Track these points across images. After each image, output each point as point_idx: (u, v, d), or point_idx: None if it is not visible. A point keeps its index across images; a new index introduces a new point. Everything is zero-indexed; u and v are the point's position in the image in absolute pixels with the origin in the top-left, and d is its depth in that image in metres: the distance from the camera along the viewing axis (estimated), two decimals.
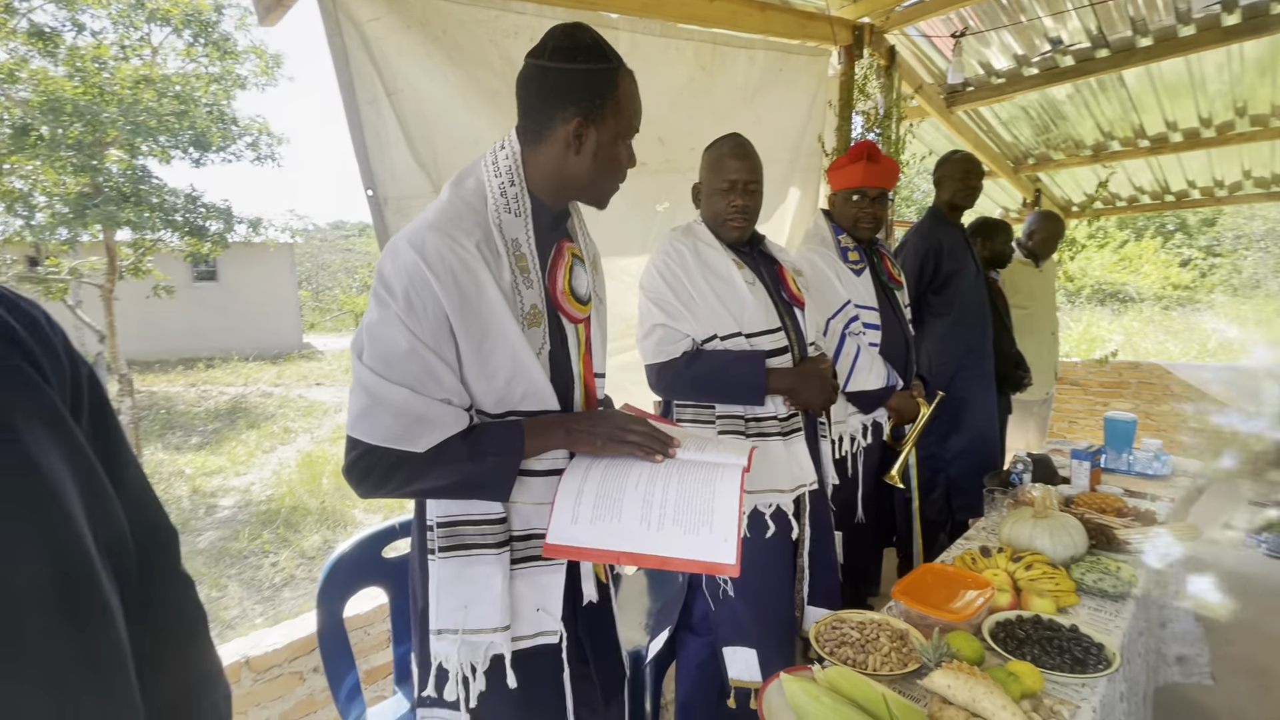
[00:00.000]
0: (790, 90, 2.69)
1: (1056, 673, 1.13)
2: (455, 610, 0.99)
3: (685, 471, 0.99)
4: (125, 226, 10.87)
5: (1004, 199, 5.64)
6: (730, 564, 0.88)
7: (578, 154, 1.00)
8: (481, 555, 0.99)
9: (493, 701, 1.02)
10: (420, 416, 0.91)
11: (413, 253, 0.90)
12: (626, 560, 0.93)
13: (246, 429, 8.57)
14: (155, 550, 0.62)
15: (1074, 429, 5.41)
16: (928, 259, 2.37)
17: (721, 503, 0.93)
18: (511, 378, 0.98)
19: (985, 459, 2.39)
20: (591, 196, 1.07)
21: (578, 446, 1.01)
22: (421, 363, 0.91)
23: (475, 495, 0.98)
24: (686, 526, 0.92)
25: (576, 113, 0.98)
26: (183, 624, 0.64)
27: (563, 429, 1.00)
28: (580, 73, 0.98)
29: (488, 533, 0.99)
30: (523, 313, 0.99)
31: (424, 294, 0.90)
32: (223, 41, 11.67)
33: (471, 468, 0.94)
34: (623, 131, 1.02)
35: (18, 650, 0.44)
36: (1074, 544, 1.57)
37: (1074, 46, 3.20)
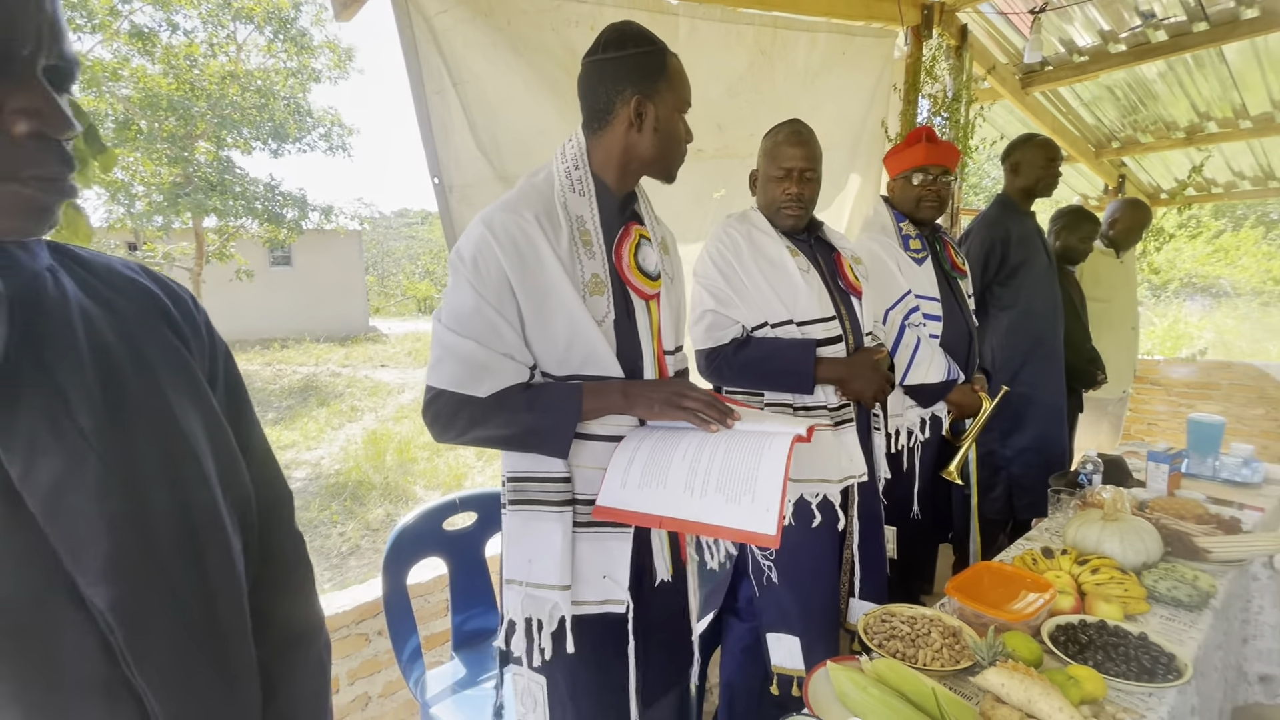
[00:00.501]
0: (853, 73, 2.61)
1: (1121, 680, 1.08)
2: (521, 562, 1.07)
3: (735, 440, 1.00)
4: (212, 214, 11.64)
5: (1083, 185, 5.31)
6: (769, 534, 0.88)
7: (640, 130, 1.09)
8: (544, 511, 1.06)
9: (562, 666, 1.08)
10: (483, 365, 1.00)
11: (481, 226, 1.02)
12: (670, 525, 0.97)
13: (317, 406, 9.06)
14: (274, 509, 0.70)
15: (1153, 431, 5.08)
16: (994, 249, 2.27)
17: (766, 472, 0.93)
18: (571, 341, 1.05)
19: (1050, 458, 2.28)
20: (658, 170, 1.14)
21: (634, 410, 1.06)
22: (485, 319, 1.00)
23: (535, 447, 1.04)
24: (729, 495, 0.93)
25: (634, 92, 1.07)
26: (294, 575, 0.72)
27: (620, 392, 1.05)
28: (632, 56, 1.07)
29: (550, 490, 1.06)
30: (583, 281, 1.06)
31: (488, 259, 1.00)
32: (300, 37, 12.25)
33: (531, 418, 1.01)
34: (678, 105, 1.11)
35: (151, 583, 0.52)
36: (1146, 550, 1.49)
37: (1168, 20, 2.97)
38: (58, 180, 0.48)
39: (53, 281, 0.52)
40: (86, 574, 0.48)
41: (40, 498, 0.46)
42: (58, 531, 0.47)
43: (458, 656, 1.69)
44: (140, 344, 0.56)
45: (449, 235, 1.74)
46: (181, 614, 0.54)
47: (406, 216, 37.42)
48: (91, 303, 0.54)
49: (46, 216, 0.49)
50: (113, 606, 0.49)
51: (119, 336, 0.54)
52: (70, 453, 0.48)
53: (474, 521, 1.76)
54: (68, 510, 0.47)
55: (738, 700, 1.72)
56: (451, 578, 1.72)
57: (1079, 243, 2.77)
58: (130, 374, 0.53)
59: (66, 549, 0.47)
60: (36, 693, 0.46)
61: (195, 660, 0.55)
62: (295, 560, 0.73)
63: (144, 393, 0.54)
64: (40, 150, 0.46)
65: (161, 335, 0.58)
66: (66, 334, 0.50)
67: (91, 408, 0.50)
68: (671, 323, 1.19)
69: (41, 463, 0.47)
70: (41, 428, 0.47)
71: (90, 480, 0.49)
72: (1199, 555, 1.55)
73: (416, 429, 7.94)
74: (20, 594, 0.46)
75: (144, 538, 0.51)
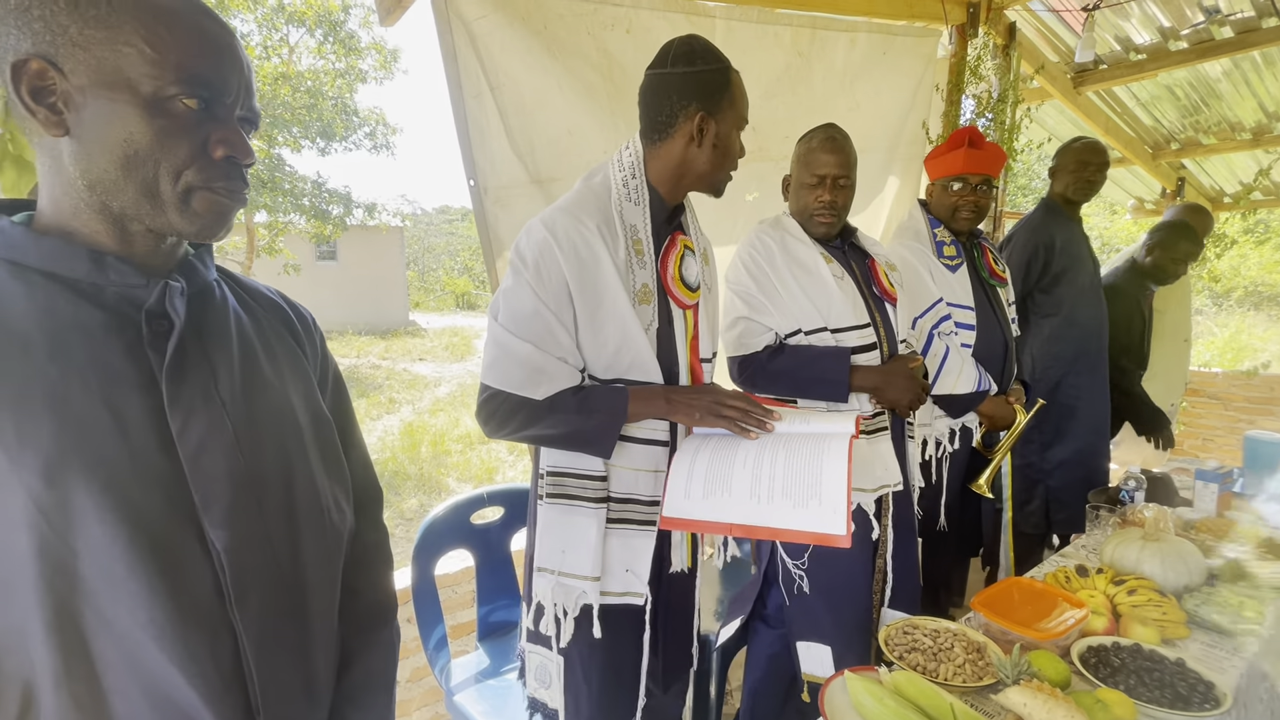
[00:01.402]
0: (893, 74, 2.56)
1: (1153, 706, 1.05)
2: (554, 552, 1.12)
3: (792, 445, 1.03)
4: (262, 210, 12.08)
5: (1139, 189, 5.09)
6: (840, 534, 0.92)
7: (699, 145, 1.12)
8: (580, 507, 1.11)
9: (580, 648, 1.14)
10: (540, 368, 1.05)
11: (544, 230, 1.06)
12: (739, 532, 1.00)
13: (357, 397, 9.34)
14: (367, 503, 0.83)
15: (1208, 447, 4.84)
16: (1036, 255, 2.19)
17: (830, 474, 0.96)
18: (620, 347, 1.10)
19: (1090, 472, 2.20)
20: (709, 185, 1.17)
21: (676, 416, 1.10)
22: (544, 323, 1.05)
23: (581, 448, 1.09)
24: (796, 499, 0.96)
25: (699, 108, 1.10)
26: (376, 562, 0.83)
27: (664, 398, 1.09)
28: (700, 73, 1.10)
29: (588, 487, 1.11)
30: (634, 289, 1.10)
31: (550, 264, 1.05)
32: (349, 39, 12.61)
33: (580, 420, 1.06)
34: (738, 122, 1.14)
35: (255, 535, 0.63)
36: (1189, 572, 1.43)
37: (1235, 15, 2.82)
38: (238, 193, 0.63)
39: (219, 290, 0.68)
40: (212, 519, 0.59)
41: (190, 451, 0.59)
42: (197, 481, 0.59)
43: (482, 647, 1.73)
44: (272, 345, 0.71)
45: (484, 236, 1.78)
46: (276, 568, 0.64)
47: (447, 213, 38.20)
48: (242, 310, 0.70)
49: (226, 221, 0.64)
50: (227, 549, 0.60)
51: (258, 337, 0.69)
52: (213, 418, 0.61)
53: (501, 516, 1.80)
54: (206, 464, 0.60)
55: (760, 705, 1.72)
56: (478, 570, 1.77)
57: (1171, 264, 2.55)
58: (263, 366, 0.68)
59: (200, 495, 0.59)
60: (161, 606, 0.56)
61: (283, 612, 0.65)
62: (378, 550, 0.83)
63: (270, 381, 0.68)
64: (231, 169, 0.62)
65: (286, 342, 0.73)
66: (223, 328, 0.66)
67: (232, 387, 0.63)
68: (707, 331, 1.24)
69: (193, 423, 0.60)
70: (197, 397, 0.61)
71: (224, 442, 0.61)
72: (1247, 580, 1.48)
73: (451, 422, 8.11)
74: (164, 526, 0.57)
75: (255, 497, 0.63)
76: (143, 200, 0.58)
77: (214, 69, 0.59)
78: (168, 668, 0.57)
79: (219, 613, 0.60)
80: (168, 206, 0.59)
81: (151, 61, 0.55)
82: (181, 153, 0.58)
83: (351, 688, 0.74)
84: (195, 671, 0.57)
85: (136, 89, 0.56)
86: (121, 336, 0.58)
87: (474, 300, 28.43)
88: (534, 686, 1.21)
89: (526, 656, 1.21)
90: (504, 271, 1.83)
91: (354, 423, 0.82)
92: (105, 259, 0.59)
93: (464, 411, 8.71)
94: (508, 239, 1.80)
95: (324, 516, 0.70)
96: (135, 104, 0.56)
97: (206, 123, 0.60)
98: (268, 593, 0.63)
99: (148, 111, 0.56)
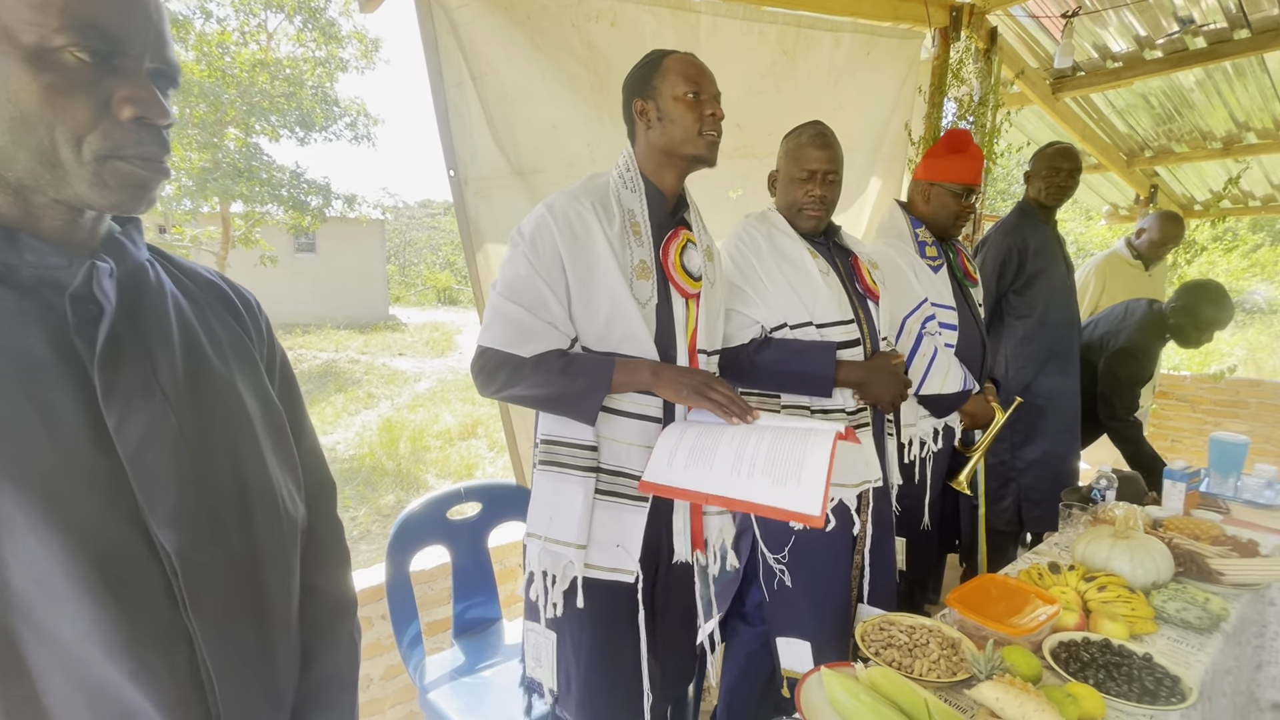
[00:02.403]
0: (877, 75, 2.57)
1: (1121, 700, 1.06)
2: (542, 518, 1.17)
3: (780, 434, 1.07)
4: (239, 199, 11.83)
5: (1114, 195, 5.19)
6: (814, 514, 0.94)
7: (649, 126, 1.21)
8: (569, 474, 1.15)
9: (571, 625, 1.17)
10: (528, 329, 1.11)
11: (543, 208, 1.15)
12: (715, 501, 1.03)
13: (335, 392, 9.19)
14: (319, 497, 0.78)
15: (1176, 448, 4.96)
16: (1010, 257, 2.22)
17: (812, 460, 0.99)
18: (610, 318, 1.14)
19: (1061, 471, 2.24)
20: (683, 154, 1.21)
21: (661, 390, 1.13)
22: (535, 290, 1.11)
23: (565, 410, 1.13)
24: (775, 478, 0.99)
25: (634, 96, 1.22)
26: (332, 557, 0.79)
27: (650, 370, 1.13)
28: (632, 73, 1.24)
29: (578, 456, 1.15)
30: (631, 264, 1.16)
31: (545, 235, 1.12)
32: (329, 27, 12.38)
33: (564, 382, 1.09)
34: (677, 92, 1.18)
35: (208, 535, 0.58)
36: (1157, 569, 1.46)
37: (1208, 26, 2.89)
38: (156, 160, 0.56)
39: (152, 270, 0.62)
40: (159, 519, 0.55)
41: (130, 448, 0.54)
42: (140, 480, 0.54)
43: (457, 644, 1.71)
44: (215, 330, 0.65)
45: (463, 227, 1.75)
46: (232, 568, 0.60)
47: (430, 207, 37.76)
48: (179, 292, 0.64)
49: (146, 193, 0.56)
50: (177, 551, 0.56)
51: (199, 321, 0.64)
52: (155, 412, 0.56)
53: (479, 512, 1.78)
54: (149, 461, 0.55)
55: (737, 702, 1.72)
56: (454, 566, 1.74)
57: (1195, 330, 2.44)
58: (207, 352, 0.63)
59: (145, 495, 0.54)
60: (108, 614, 0.52)
61: (242, 613, 0.61)
62: (333, 544, 0.79)
63: (216, 369, 0.63)
64: (141, 133, 0.54)
65: (230, 326, 0.68)
66: (161, 313, 0.60)
67: (175, 376, 0.58)
68: (708, 324, 1.26)
69: (132, 417, 0.55)
70: (135, 388, 0.55)
71: (168, 437, 0.56)
72: (1212, 577, 1.51)
73: (431, 418, 8.03)
74: (106, 529, 0.53)
75: (205, 493, 0.59)
76: (41, 170, 0.52)
77: (111, 14, 0.51)
78: (119, 680, 0.53)
79: (172, 618, 0.56)
80: (72, 177, 0.52)
81: (32, 6, 0.48)
82: (79, 114, 0.51)
83: (314, 688, 0.71)
84: (149, 682, 0.54)
85: (17, 39, 0.49)
86: (43, 323, 0.52)
87: (456, 295, 28.14)
88: (530, 665, 1.23)
89: (525, 634, 1.24)
90: (484, 264, 1.81)
91: (304, 411, 0.78)
92: (18, 237, 0.53)
93: (444, 407, 8.62)
94: (488, 231, 1.78)
95: (279, 510, 0.66)
96: (16, 57, 0.49)
97: (108, 78, 0.52)
98: (224, 594, 0.59)
99: (31, 66, 0.49)
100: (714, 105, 1.19)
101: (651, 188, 1.22)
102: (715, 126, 1.20)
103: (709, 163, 1.22)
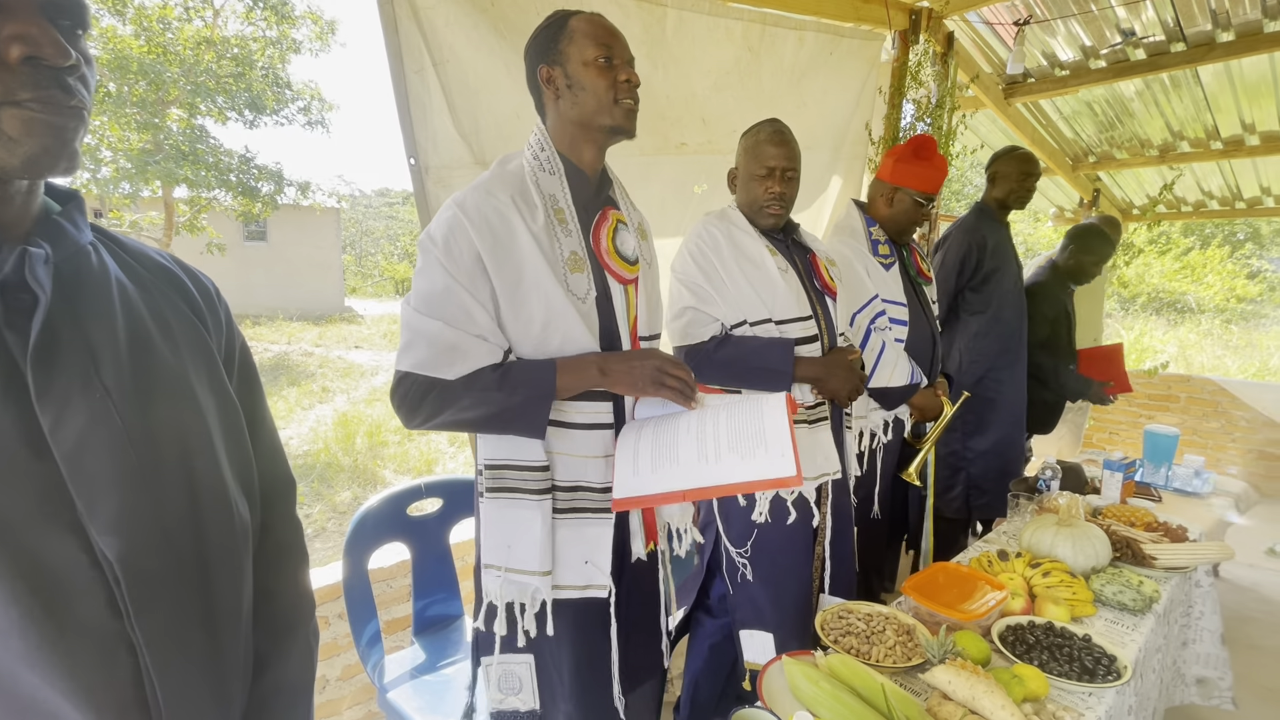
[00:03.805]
0: (839, 75, 2.62)
1: (1063, 679, 1.12)
2: (499, 548, 1.06)
3: (732, 408, 1.04)
4: (183, 184, 11.28)
5: (1060, 197, 5.42)
6: (791, 475, 0.93)
7: (558, 95, 1.09)
8: (522, 499, 1.05)
9: (549, 643, 1.09)
10: (452, 346, 0.98)
11: (454, 207, 1.01)
12: (694, 496, 0.98)
13: (288, 386, 8.89)
14: (277, 496, 0.74)
15: (1114, 440, 5.23)
16: (970, 254, 2.31)
17: (771, 424, 0.98)
18: (547, 323, 1.03)
19: (1008, 461, 2.34)
20: (602, 129, 1.09)
21: (614, 385, 1.04)
22: (456, 300, 0.99)
23: (508, 429, 1.02)
24: (743, 452, 0.97)
25: (541, 62, 1.09)
26: (289, 559, 0.75)
27: (597, 367, 1.02)
28: (535, 36, 1.11)
29: (529, 479, 1.05)
30: (562, 258, 1.05)
31: (460, 238, 0.99)
32: (281, 5, 11.88)
33: (501, 398, 0.98)
34: (586, 57, 1.06)
35: (155, 540, 0.55)
36: (1096, 555, 1.54)
37: (1147, 39, 3.03)
38: (58, 104, 0.49)
39: (95, 255, 0.57)
40: (99, 525, 0.51)
41: (67, 449, 0.50)
42: (78, 483, 0.50)
43: (418, 642, 1.68)
44: (167, 319, 0.60)
45: (424, 217, 1.71)
46: (181, 574, 0.57)
47: (388, 196, 36.75)
48: (127, 278, 0.59)
49: (63, 144, 0.50)
50: (120, 558, 0.52)
51: (149, 310, 0.59)
52: (96, 409, 0.52)
53: (439, 508, 1.75)
54: (88, 463, 0.51)
55: (700, 692, 1.74)
56: (414, 563, 1.71)
57: (1091, 264, 2.74)
58: (157, 344, 0.58)
59: (84, 500, 0.51)
60: (39, 630, 0.48)
61: (189, 623, 0.57)
62: (292, 545, 0.75)
63: (167, 363, 0.58)
64: (36, 75, 0.48)
65: (184, 315, 0.63)
66: (104, 302, 0.55)
67: (119, 371, 0.54)
68: (647, 308, 1.19)
69: (70, 417, 0.51)
70: (74, 385, 0.51)
71: (110, 437, 0.52)
72: (1145, 561, 1.60)
73: (388, 412, 7.83)
74: (37, 537, 0.49)
75: (152, 496, 0.55)
76: None
77: None
78: (52, 697, 0.49)
79: (114, 629, 0.52)
80: None
81: None
82: None
83: (267, 695, 0.68)
84: (84, 699, 0.50)
85: None
86: None
87: None
88: (499, 699, 1.12)
89: (487, 671, 1.13)
90: None
91: (264, 405, 0.74)
92: None
93: None
94: None
95: (231, 511, 0.62)
96: None
97: None
98: (171, 603, 0.56)
99: None
100: (628, 70, 1.08)
101: (571, 166, 1.10)
102: (631, 93, 1.09)
103: (628, 133, 1.11)
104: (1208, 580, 1.78)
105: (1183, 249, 14.07)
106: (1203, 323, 13.36)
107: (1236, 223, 14.24)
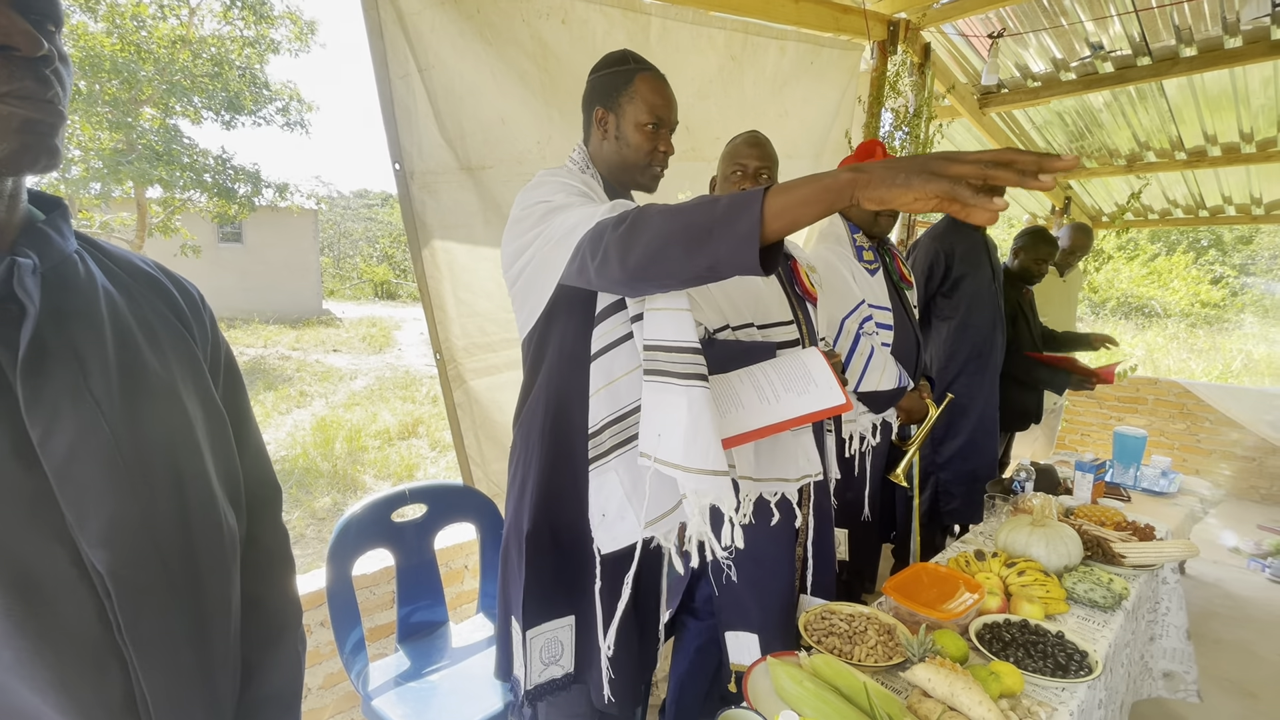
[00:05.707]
0: (820, 84, 2.66)
1: (1037, 675, 1.15)
2: (650, 436, 0.97)
3: (775, 363, 1.21)
4: (156, 184, 11.05)
5: (1032, 205, 5.55)
6: (844, 402, 1.10)
7: (604, 137, 1.22)
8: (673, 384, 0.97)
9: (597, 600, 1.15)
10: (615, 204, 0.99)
11: (546, 174, 1.13)
12: (766, 433, 1.11)
13: (264, 390, 8.73)
14: (263, 504, 0.74)
15: (1085, 442, 5.37)
16: (938, 261, 2.36)
17: (814, 368, 1.16)
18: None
19: (979, 465, 2.39)
20: (631, 179, 1.24)
21: (874, 189, 0.69)
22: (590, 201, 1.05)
23: (709, 241, 0.77)
24: (798, 390, 1.13)
25: (599, 104, 1.22)
26: (276, 566, 0.75)
27: (843, 173, 0.71)
28: (603, 76, 1.22)
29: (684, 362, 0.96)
30: None
31: (570, 185, 1.09)
32: (259, 5, 11.72)
33: (698, 211, 0.79)
34: (640, 118, 1.19)
35: (145, 551, 0.55)
36: (1068, 554, 1.59)
37: (1115, 53, 3.13)
38: (34, 98, 0.48)
39: (81, 264, 0.56)
40: (89, 537, 0.51)
41: (56, 461, 0.50)
42: (67, 495, 0.50)
43: (402, 649, 1.67)
44: (154, 328, 0.60)
45: (408, 221, 1.71)
46: (171, 585, 0.57)
47: (366, 198, 36.31)
48: (113, 286, 0.58)
49: (42, 139, 0.49)
50: (111, 571, 0.52)
51: (136, 319, 0.59)
52: (85, 421, 0.52)
53: (423, 513, 1.74)
54: (77, 475, 0.50)
55: (686, 694, 1.75)
56: (398, 570, 1.70)
57: (1034, 264, 2.87)
58: (145, 354, 0.58)
59: (73, 512, 0.50)
60: (29, 642, 0.48)
61: (180, 634, 0.57)
62: (279, 552, 0.75)
63: (155, 372, 0.58)
64: (9, 66, 0.47)
65: (170, 323, 0.63)
66: (91, 311, 0.55)
67: (108, 381, 0.54)
68: None
69: (59, 428, 0.50)
70: (64, 396, 0.51)
71: (100, 448, 0.52)
72: (1115, 560, 1.65)
73: (368, 417, 7.75)
74: (26, 549, 0.48)
75: (141, 508, 0.54)
76: None
77: None
78: (42, 709, 0.49)
79: (104, 642, 0.52)
80: None
81: None
82: None
83: (255, 703, 0.68)
84: (75, 710, 0.50)
85: None
86: None
87: (394, 290, 27.21)
88: (540, 670, 1.17)
89: (527, 645, 1.15)
90: (430, 260, 1.77)
91: (249, 411, 0.73)
92: None
93: (382, 406, 8.34)
94: (435, 226, 1.74)
95: (219, 521, 0.62)
96: None
97: None
98: (161, 613, 0.56)
99: None
100: (667, 142, 1.21)
101: (609, 186, 1.24)
102: (664, 162, 1.23)
103: (647, 191, 1.26)
104: (1174, 577, 1.85)
105: (1150, 255, 14.47)
106: (1169, 327, 13.74)
107: (1200, 230, 14.71)
